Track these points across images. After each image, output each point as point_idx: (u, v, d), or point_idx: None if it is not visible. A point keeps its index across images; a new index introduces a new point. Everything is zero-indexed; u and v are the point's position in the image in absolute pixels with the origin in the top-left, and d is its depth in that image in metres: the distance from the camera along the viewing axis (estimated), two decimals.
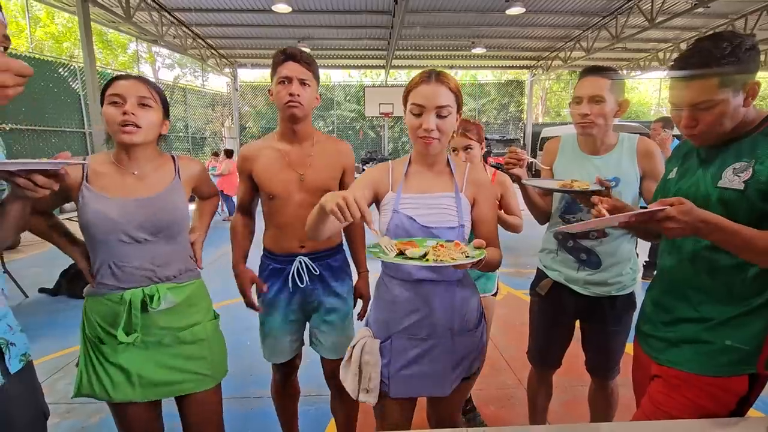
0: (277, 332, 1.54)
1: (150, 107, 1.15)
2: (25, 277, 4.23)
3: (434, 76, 1.10)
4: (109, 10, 8.16)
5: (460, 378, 1.21)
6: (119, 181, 1.16)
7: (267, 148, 1.49)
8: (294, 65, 1.38)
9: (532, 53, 13.73)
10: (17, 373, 0.96)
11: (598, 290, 1.46)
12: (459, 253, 0.96)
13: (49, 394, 2.33)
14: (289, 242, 1.49)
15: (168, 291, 1.19)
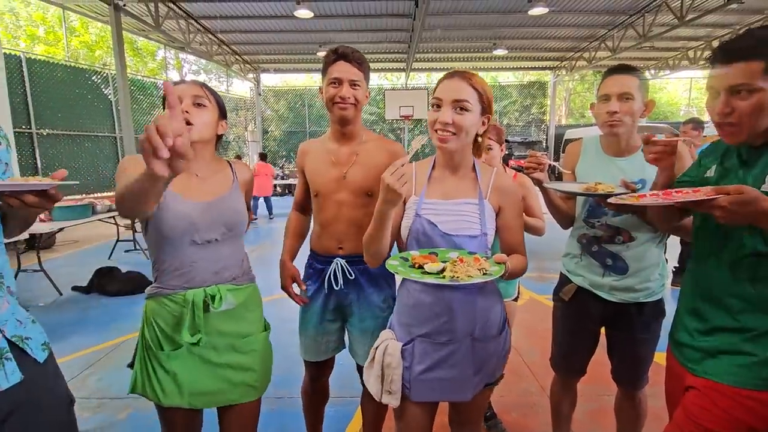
0: (312, 332, 1.56)
1: (204, 106, 1.17)
2: (60, 276, 4.42)
3: (458, 74, 1.11)
4: (139, 19, 8.48)
5: (482, 384, 1.20)
6: (187, 184, 1.18)
7: (318, 146, 1.52)
8: (345, 66, 1.38)
9: (556, 54, 13.48)
10: (46, 360, 0.98)
11: (624, 296, 1.42)
12: (477, 269, 0.96)
13: (81, 389, 2.43)
14: (329, 242, 1.50)
15: (228, 292, 1.21)
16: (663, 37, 9.89)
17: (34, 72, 8.58)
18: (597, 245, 1.44)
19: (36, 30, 15.18)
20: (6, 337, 0.91)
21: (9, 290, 0.96)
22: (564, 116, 21.44)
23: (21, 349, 0.93)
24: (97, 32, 15.83)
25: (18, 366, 0.91)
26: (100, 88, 10.26)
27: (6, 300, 0.94)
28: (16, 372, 0.91)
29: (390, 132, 17.15)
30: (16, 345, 0.93)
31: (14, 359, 0.91)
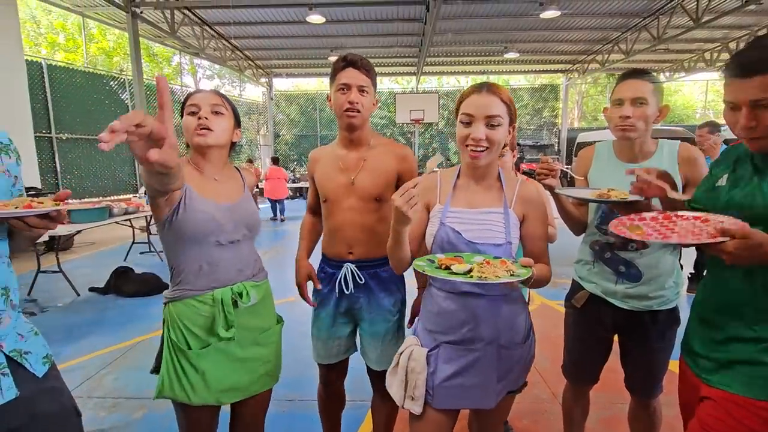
0: (324, 335, 1.57)
1: (222, 114, 1.24)
2: (78, 277, 4.52)
3: (486, 87, 1.11)
4: (155, 25, 8.68)
5: (505, 391, 1.20)
6: (209, 187, 1.23)
7: (328, 152, 1.55)
8: (353, 72, 1.40)
9: (568, 56, 13.38)
10: (45, 375, 0.98)
11: (638, 304, 1.40)
12: (504, 270, 0.96)
13: (97, 389, 2.48)
14: (339, 247, 1.51)
15: (251, 288, 1.27)
16: (678, 39, 9.76)
17: (55, 78, 8.83)
18: (610, 252, 1.43)
19: (56, 37, 15.61)
20: (4, 352, 0.91)
21: (12, 304, 0.96)
22: (576, 119, 21.23)
23: (20, 364, 0.93)
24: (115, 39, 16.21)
25: (15, 382, 0.91)
26: (117, 93, 10.51)
27: (8, 314, 0.94)
28: (12, 388, 0.90)
29: (400, 136, 17.17)
30: (15, 360, 0.92)
31: (11, 375, 0.91)
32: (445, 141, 17.14)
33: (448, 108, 16.48)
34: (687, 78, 15.36)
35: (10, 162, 0.98)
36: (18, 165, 1.01)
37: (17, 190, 1.00)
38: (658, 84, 1.34)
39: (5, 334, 0.92)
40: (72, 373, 2.64)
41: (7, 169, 0.96)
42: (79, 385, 2.51)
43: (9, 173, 0.97)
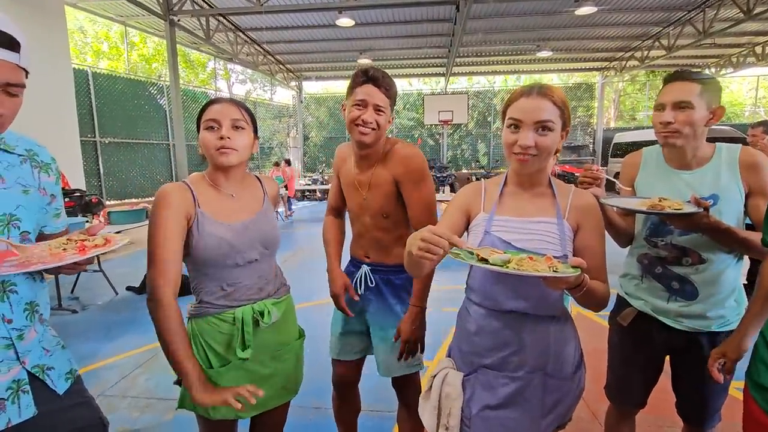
0: (338, 329, 1.61)
1: (243, 129, 1.15)
2: (116, 276, 4.70)
3: (536, 89, 1.00)
4: (192, 32, 8.98)
5: (551, 427, 1.07)
6: (224, 205, 1.17)
7: (347, 160, 1.54)
8: (373, 90, 1.34)
9: (604, 54, 12.86)
10: (66, 392, 0.98)
11: (694, 324, 1.28)
12: (546, 266, 0.84)
13: (131, 388, 2.54)
14: (359, 249, 1.58)
15: (273, 306, 1.22)
16: (726, 33, 9.17)
17: (99, 85, 9.30)
18: (661, 266, 1.31)
19: (101, 46, 16.47)
20: (26, 368, 0.90)
21: (41, 318, 0.96)
22: (613, 119, 20.39)
23: (41, 380, 0.93)
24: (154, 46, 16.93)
25: (35, 399, 0.90)
26: (155, 98, 10.95)
27: (34, 329, 0.94)
28: (31, 407, 0.90)
29: (429, 137, 17.03)
30: (37, 377, 0.92)
31: (31, 392, 0.90)
32: (474, 142, 16.86)
33: (477, 108, 16.21)
34: (735, 74, 14.44)
35: (49, 180, 0.99)
36: (57, 184, 1.01)
37: (54, 209, 1.01)
38: (709, 84, 1.20)
39: (29, 350, 0.92)
40: (109, 371, 2.72)
41: (44, 187, 0.97)
42: (115, 384, 2.58)
43: (45, 191, 0.97)
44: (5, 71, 0.78)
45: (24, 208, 0.91)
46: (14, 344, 0.89)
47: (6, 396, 0.87)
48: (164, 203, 1.07)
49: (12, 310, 0.88)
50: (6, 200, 0.88)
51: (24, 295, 0.91)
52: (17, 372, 0.89)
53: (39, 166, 0.97)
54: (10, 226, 0.88)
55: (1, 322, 0.87)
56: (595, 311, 1.03)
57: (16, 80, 0.80)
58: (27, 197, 0.92)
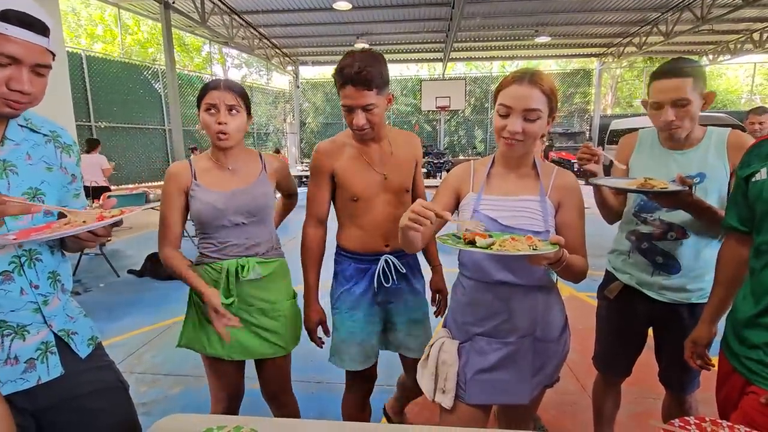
0: (359, 337, 1.46)
1: (237, 113, 1.31)
2: (117, 260, 4.76)
3: (528, 77, 1.04)
4: (187, 15, 8.85)
5: (540, 386, 1.17)
6: (220, 176, 1.37)
7: (347, 146, 1.41)
8: (353, 92, 1.25)
9: (602, 40, 12.80)
10: (88, 356, 1.04)
11: (675, 296, 1.36)
12: (527, 246, 0.92)
13: (138, 365, 2.63)
14: (375, 242, 1.44)
15: (257, 264, 1.37)
16: (724, 18, 9.16)
17: (93, 69, 9.19)
18: (647, 242, 1.39)
19: (95, 29, 16.17)
20: (53, 331, 0.97)
21: (62, 288, 1.03)
22: (610, 105, 20.38)
23: (66, 344, 1.00)
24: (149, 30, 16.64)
25: (61, 360, 0.97)
26: (150, 83, 10.85)
27: (58, 297, 1.00)
28: (58, 366, 0.97)
29: (426, 123, 16.99)
30: (62, 339, 0.99)
31: (58, 354, 0.97)
32: (471, 128, 16.84)
33: (474, 94, 16.16)
34: (732, 61, 14.43)
35: (70, 161, 1.04)
36: (77, 165, 1.07)
37: (74, 188, 1.07)
38: (698, 73, 1.24)
39: (54, 315, 0.99)
40: (115, 349, 2.80)
41: (65, 167, 1.02)
42: (122, 361, 2.66)
43: (66, 171, 1.03)
44: (37, 54, 0.84)
45: (47, 183, 0.97)
46: (41, 309, 0.95)
47: (36, 356, 0.94)
48: (167, 180, 1.36)
49: (38, 276, 0.95)
50: (32, 175, 0.94)
51: (48, 264, 0.98)
52: (45, 334, 0.96)
53: (61, 147, 1.03)
54: (36, 199, 0.94)
55: (29, 287, 0.93)
56: (575, 282, 1.11)
57: (45, 62, 0.86)
58: (50, 174, 0.98)
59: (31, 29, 0.82)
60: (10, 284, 0.90)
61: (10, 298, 0.90)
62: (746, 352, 0.97)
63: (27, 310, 0.93)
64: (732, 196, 1.07)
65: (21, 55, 0.81)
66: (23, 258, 0.92)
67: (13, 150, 0.92)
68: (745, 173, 1.00)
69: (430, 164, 13.40)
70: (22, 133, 0.95)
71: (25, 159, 0.93)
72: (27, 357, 0.93)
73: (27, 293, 0.93)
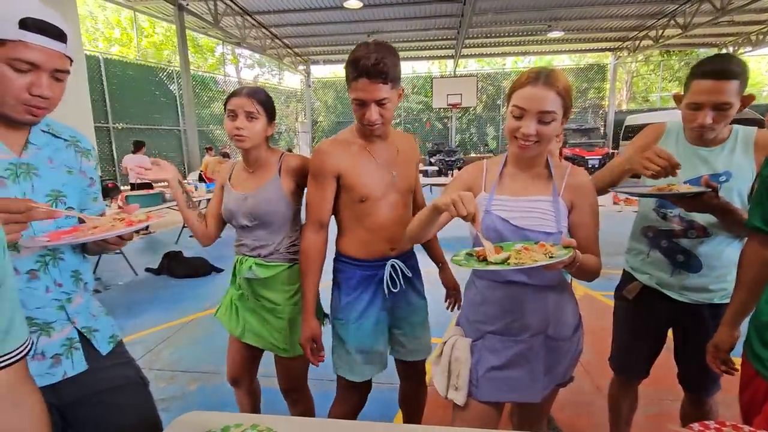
0: (372, 343, 1.42)
1: (256, 119, 1.39)
2: (135, 258, 4.86)
3: (542, 78, 1.01)
4: (200, 17, 8.97)
5: (552, 385, 1.17)
6: (243, 178, 1.48)
7: (353, 145, 1.34)
8: (367, 84, 1.20)
9: (617, 34, 12.56)
10: (109, 353, 1.07)
11: (697, 297, 1.33)
12: (542, 254, 0.92)
13: (156, 362, 2.68)
14: (381, 245, 1.38)
15: (255, 264, 1.45)
16: (745, 9, 8.90)
17: (111, 71, 9.39)
18: (667, 240, 1.36)
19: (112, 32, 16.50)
20: (77, 327, 1.01)
21: (85, 286, 1.06)
22: (625, 101, 19.99)
23: (88, 340, 1.03)
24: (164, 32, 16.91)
25: (85, 356, 1.01)
26: (166, 84, 11.02)
27: (80, 295, 1.04)
28: (82, 362, 1.00)
29: (437, 121, 16.91)
30: (84, 336, 1.03)
31: (82, 349, 1.01)
32: (483, 126, 16.70)
33: (486, 91, 16.02)
34: (754, 53, 14.01)
35: (89, 165, 1.08)
36: (96, 169, 1.11)
37: (93, 192, 1.10)
38: (744, 75, 1.18)
39: (78, 312, 1.02)
40: (134, 346, 2.86)
41: (84, 170, 1.06)
42: (141, 358, 2.72)
43: (85, 174, 1.06)
44: (55, 59, 0.87)
45: (68, 186, 1.01)
46: (65, 306, 0.99)
47: (61, 351, 0.98)
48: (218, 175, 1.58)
49: (61, 275, 0.99)
50: (54, 178, 0.98)
51: (70, 263, 1.01)
52: (69, 331, 1.00)
53: (81, 152, 1.06)
54: (58, 201, 0.98)
55: (54, 285, 0.97)
56: (588, 281, 1.11)
57: (63, 67, 0.90)
58: (71, 177, 1.02)
59: (49, 35, 0.85)
60: (36, 282, 0.93)
61: (36, 295, 0.93)
62: None
63: (52, 308, 0.97)
64: (756, 195, 1.05)
65: (40, 61, 0.84)
66: (48, 257, 0.96)
67: (36, 154, 0.95)
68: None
69: (441, 162, 13.34)
70: (44, 138, 0.98)
71: (47, 163, 0.97)
72: (53, 353, 0.96)
73: (52, 291, 0.96)
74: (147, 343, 2.92)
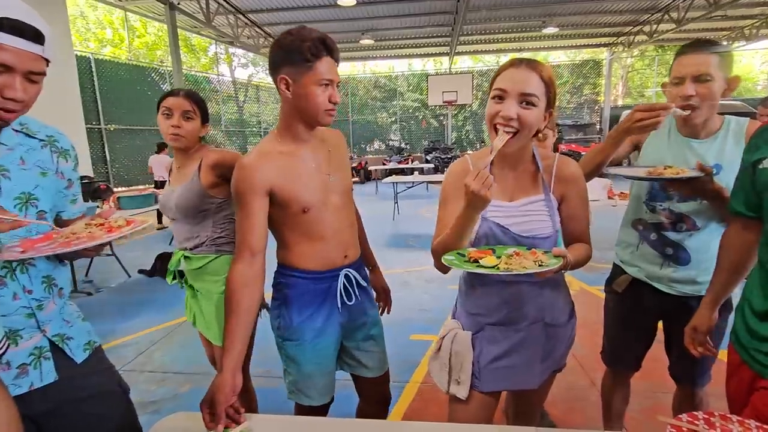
0: (328, 367, 1.30)
1: (192, 119, 1.49)
2: (128, 260, 4.82)
3: (525, 62, 0.99)
4: (192, 16, 8.90)
5: (549, 371, 1.19)
6: (174, 174, 1.60)
7: (278, 154, 1.18)
8: (333, 64, 1.14)
9: (612, 29, 12.57)
10: (85, 361, 1.03)
11: (685, 289, 1.32)
12: (532, 261, 0.92)
13: (148, 363, 2.66)
14: (333, 254, 1.26)
15: (182, 258, 1.56)
16: (737, 3, 8.92)
17: (102, 72, 9.31)
18: (656, 233, 1.35)
19: (104, 32, 16.37)
20: (48, 336, 0.97)
21: (60, 292, 1.02)
22: (620, 96, 20.03)
23: (61, 349, 0.99)
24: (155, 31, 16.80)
25: (56, 366, 0.97)
26: (158, 84, 10.94)
27: (54, 301, 1.00)
28: (52, 372, 0.96)
29: (433, 118, 16.88)
30: (56, 345, 0.98)
31: (52, 359, 0.96)
32: (479, 123, 16.69)
33: (482, 88, 16.00)
34: (747, 47, 14.06)
35: (67, 166, 1.03)
36: (74, 171, 1.07)
37: (71, 194, 1.06)
38: (725, 54, 1.20)
39: (49, 319, 0.98)
40: (126, 348, 2.84)
41: (61, 171, 1.02)
42: (133, 360, 2.70)
43: (62, 176, 1.02)
44: (28, 61, 0.83)
45: (41, 188, 0.96)
46: (35, 313, 0.95)
47: (29, 361, 0.93)
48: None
49: (31, 281, 0.94)
50: (25, 180, 0.93)
51: (41, 268, 0.97)
52: (38, 339, 0.96)
53: (58, 152, 1.02)
54: (29, 204, 0.93)
55: (22, 292, 0.93)
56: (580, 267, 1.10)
57: (37, 69, 0.85)
58: (45, 179, 0.97)
59: (24, 36, 0.81)
60: (3, 289, 0.89)
61: (2, 302, 0.90)
62: (757, 344, 0.94)
63: (20, 315, 0.93)
64: (739, 180, 1.04)
65: (13, 62, 0.81)
66: (14, 263, 0.92)
67: (6, 155, 0.91)
68: (753, 158, 0.96)
69: (437, 159, 13.32)
70: (17, 137, 0.94)
71: (19, 164, 0.93)
72: (19, 362, 0.92)
73: (20, 298, 0.92)
74: (139, 345, 2.90)
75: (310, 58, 1.10)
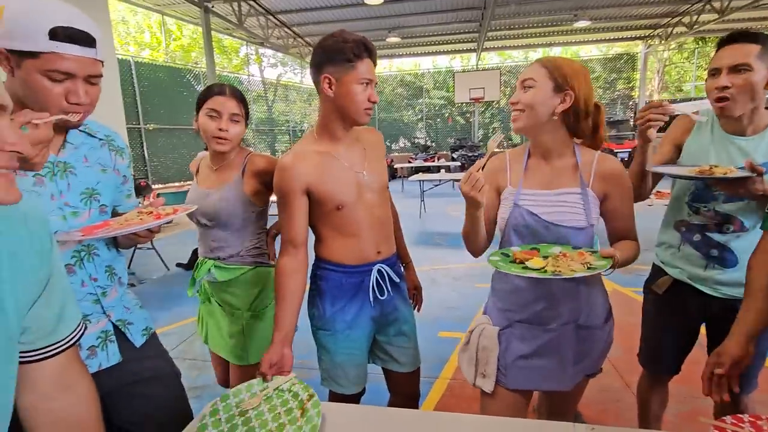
0: (359, 358, 1.36)
1: (238, 122, 1.37)
2: (166, 254, 5.05)
3: (536, 60, 1.13)
4: (225, 18, 9.17)
5: (582, 374, 1.17)
6: (207, 175, 1.47)
7: (314, 154, 1.24)
8: (371, 65, 1.20)
9: (648, 21, 12.04)
10: (143, 345, 1.12)
11: (731, 291, 1.28)
12: (580, 264, 0.93)
13: (189, 352, 2.80)
14: (367, 250, 1.30)
15: (213, 267, 1.41)
16: None
17: (141, 74, 9.72)
18: (700, 234, 1.32)
19: (142, 36, 17.05)
20: (112, 321, 1.06)
21: (119, 281, 1.11)
22: (656, 91, 19.18)
23: (122, 333, 1.08)
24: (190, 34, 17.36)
25: (118, 348, 1.05)
26: (193, 85, 11.33)
27: (115, 289, 1.08)
28: (117, 354, 1.05)
29: (459, 116, 16.71)
30: (119, 329, 1.07)
31: (116, 342, 1.05)
32: (506, 119, 16.40)
33: (510, 85, 15.70)
34: None
35: (122, 163, 1.12)
36: (129, 168, 1.16)
37: (126, 189, 1.15)
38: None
39: (112, 306, 1.07)
40: (169, 337, 3.00)
41: (118, 168, 1.11)
42: (175, 348, 2.85)
43: (119, 172, 1.11)
44: (87, 65, 0.90)
45: (102, 184, 1.05)
46: (100, 300, 1.04)
47: (97, 344, 1.03)
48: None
49: (96, 270, 1.03)
50: (89, 176, 1.02)
51: (104, 258, 1.06)
52: (104, 324, 1.05)
53: (115, 150, 1.11)
54: (92, 199, 1.02)
55: (89, 280, 1.02)
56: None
57: (95, 72, 0.92)
58: (105, 175, 1.06)
59: (80, 43, 0.87)
60: (72, 276, 0.98)
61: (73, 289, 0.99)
62: None
63: (88, 301, 1.01)
64: None
65: (74, 69, 0.87)
66: (83, 253, 1.00)
67: (73, 153, 1.00)
68: None
69: (464, 157, 13.20)
70: (80, 137, 1.03)
71: (83, 161, 1.01)
72: (89, 344, 1.01)
73: (87, 285, 1.01)
74: (180, 335, 3.05)
75: (352, 58, 1.16)
